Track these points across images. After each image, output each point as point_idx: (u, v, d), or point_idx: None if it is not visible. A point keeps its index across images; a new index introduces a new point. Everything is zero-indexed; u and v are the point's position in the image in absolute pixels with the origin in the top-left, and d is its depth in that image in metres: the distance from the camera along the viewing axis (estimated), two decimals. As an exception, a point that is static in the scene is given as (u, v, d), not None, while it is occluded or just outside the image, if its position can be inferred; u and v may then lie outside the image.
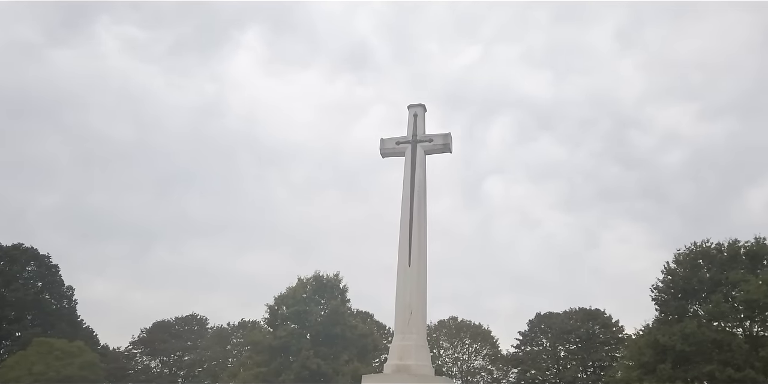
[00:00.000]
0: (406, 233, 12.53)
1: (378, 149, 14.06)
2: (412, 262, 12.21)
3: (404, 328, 11.72)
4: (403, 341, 11.58)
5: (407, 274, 12.18)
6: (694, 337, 33.48)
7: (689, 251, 38.50)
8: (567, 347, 56.47)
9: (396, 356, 11.42)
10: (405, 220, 12.73)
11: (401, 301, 12.04)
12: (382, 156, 14.09)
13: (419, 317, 11.97)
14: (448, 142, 13.61)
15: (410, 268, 12.18)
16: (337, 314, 41.32)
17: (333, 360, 38.51)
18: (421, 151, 13.48)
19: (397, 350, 11.52)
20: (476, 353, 58.40)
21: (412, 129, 13.83)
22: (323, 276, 45.00)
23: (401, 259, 12.41)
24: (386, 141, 13.95)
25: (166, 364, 59.21)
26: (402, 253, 12.44)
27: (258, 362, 38.84)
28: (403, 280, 12.20)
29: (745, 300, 33.05)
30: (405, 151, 13.61)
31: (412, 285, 12.10)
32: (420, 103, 14.16)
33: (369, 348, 42.13)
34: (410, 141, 13.65)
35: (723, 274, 36.21)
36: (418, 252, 12.40)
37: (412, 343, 11.56)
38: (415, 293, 12.05)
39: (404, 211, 12.91)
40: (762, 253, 36.66)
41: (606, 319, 56.06)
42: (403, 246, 12.48)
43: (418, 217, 12.73)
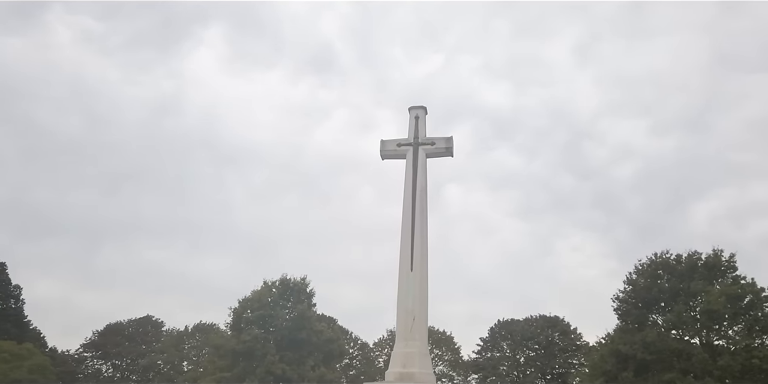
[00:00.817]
0: (407, 237, 12.25)
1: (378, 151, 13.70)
2: (414, 266, 11.93)
3: (407, 335, 11.41)
4: (406, 348, 11.27)
5: (409, 279, 11.88)
6: (655, 346, 34.32)
7: (650, 261, 39.51)
8: (527, 354, 57.16)
9: (399, 364, 11.10)
10: (407, 224, 12.45)
11: (403, 307, 11.74)
12: (381, 158, 13.77)
13: (421, 324, 11.69)
14: (451, 145, 13.42)
15: (412, 273, 11.90)
16: (303, 319, 40.68)
17: (298, 365, 37.83)
18: (423, 154, 13.24)
19: (400, 357, 11.19)
20: (438, 359, 58.45)
21: (413, 131, 13.58)
22: (290, 279, 44.30)
23: (403, 264, 12.11)
24: (387, 143, 13.65)
25: (118, 368, 57.00)
26: (404, 258, 12.14)
27: (221, 367, 37.76)
28: (405, 286, 11.89)
29: (706, 310, 34.05)
30: (406, 154, 13.34)
31: (415, 290, 11.81)
32: (421, 106, 13.95)
33: (335, 353, 41.59)
34: (411, 143, 13.39)
35: (682, 284, 37.30)
36: (420, 257, 12.14)
37: (416, 351, 11.27)
38: (417, 299, 11.76)
39: (405, 215, 12.62)
40: (719, 265, 37.96)
41: (565, 327, 57.04)
42: (404, 250, 12.19)
43: (420, 221, 12.47)
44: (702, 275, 37.44)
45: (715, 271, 37.76)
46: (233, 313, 42.58)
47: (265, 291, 43.07)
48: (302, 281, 44.42)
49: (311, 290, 44.16)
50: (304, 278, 44.69)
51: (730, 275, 37.47)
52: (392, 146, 13.48)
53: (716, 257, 38.16)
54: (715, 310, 33.70)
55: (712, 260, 38.03)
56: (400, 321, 11.70)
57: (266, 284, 44.05)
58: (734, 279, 37.11)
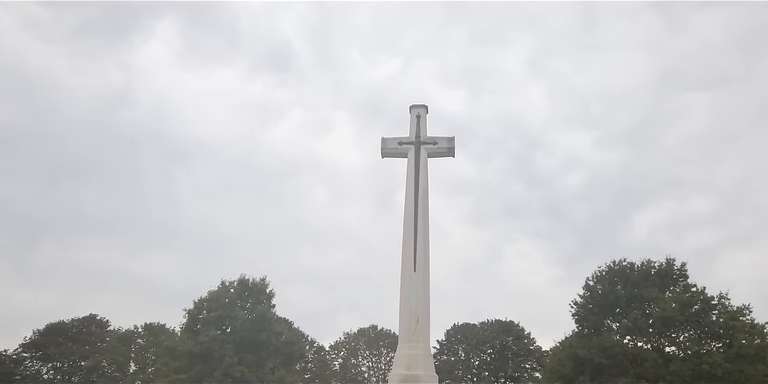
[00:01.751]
0: (410, 237, 12.04)
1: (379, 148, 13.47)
2: (417, 267, 11.73)
3: (411, 337, 11.18)
4: (410, 350, 11.04)
5: (413, 279, 11.67)
6: (612, 351, 35.28)
7: (608, 269, 40.65)
8: (481, 358, 57.81)
9: (403, 366, 10.86)
10: (409, 224, 12.24)
11: (407, 308, 11.51)
12: (382, 156, 13.53)
13: (425, 325, 11.49)
14: (453, 146, 13.32)
15: (416, 273, 11.69)
16: (263, 320, 39.81)
17: (258, 368, 36.93)
18: (425, 153, 13.08)
19: (404, 359, 10.96)
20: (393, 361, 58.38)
21: (414, 130, 13.40)
22: (248, 280, 43.31)
23: (406, 265, 11.88)
24: (388, 140, 13.43)
25: (59, 369, 54.24)
26: (407, 258, 11.92)
27: (176, 369, 36.42)
28: (409, 286, 11.67)
29: (660, 317, 35.23)
30: (408, 153, 13.14)
31: (419, 291, 11.61)
32: (423, 104, 13.79)
33: (295, 356, 40.84)
34: (413, 142, 13.22)
35: (636, 291, 38.53)
36: (423, 257, 11.95)
37: (420, 352, 11.06)
38: (421, 300, 11.57)
39: (408, 215, 12.42)
40: (671, 273, 39.44)
41: (519, 331, 57.97)
42: (407, 251, 11.97)
43: (423, 221, 12.29)
44: (655, 283, 38.79)
45: (668, 279, 39.21)
46: (188, 314, 41.28)
47: (223, 291, 41.92)
48: (262, 282, 43.49)
49: (271, 291, 43.29)
50: (264, 279, 43.78)
51: (682, 283, 38.99)
52: (393, 144, 13.27)
53: (669, 266, 39.65)
54: (669, 317, 34.92)
55: (665, 269, 39.48)
56: (404, 322, 11.46)
57: (224, 284, 42.90)
58: (685, 287, 38.63)
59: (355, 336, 58.90)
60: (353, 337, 58.69)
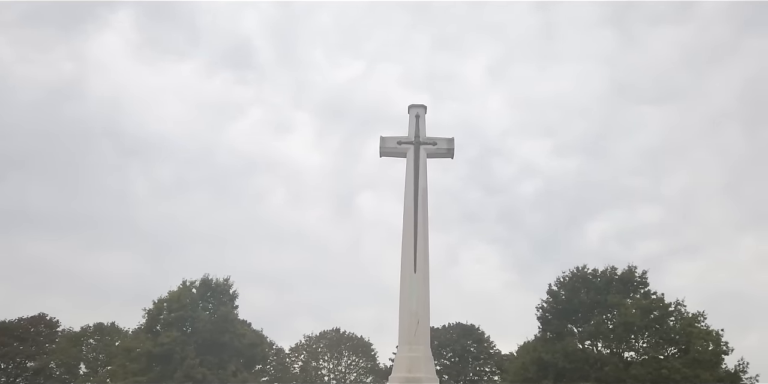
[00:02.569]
0: (410, 238, 11.87)
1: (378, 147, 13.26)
2: (418, 268, 11.57)
3: (411, 339, 10.99)
4: (410, 353, 10.85)
5: (413, 281, 11.49)
6: (575, 356, 35.97)
7: (572, 274, 41.45)
8: (441, 361, 58.02)
9: (404, 368, 10.65)
10: (409, 225, 12.07)
11: (407, 310, 11.31)
12: (380, 155, 13.32)
13: (425, 327, 11.32)
14: (452, 147, 13.23)
15: (416, 274, 11.52)
16: (226, 321, 38.91)
17: (220, 370, 36.02)
18: (424, 154, 12.94)
19: (405, 362, 10.75)
20: (354, 365, 58.02)
21: (413, 130, 13.25)
22: (211, 280, 42.33)
23: (406, 266, 11.70)
24: (387, 140, 13.22)
25: (4, 371, 51.67)
26: (406, 259, 11.74)
27: (133, 371, 35.13)
28: (409, 288, 11.49)
29: (622, 322, 36.11)
30: (407, 152, 12.97)
31: (419, 292, 11.44)
32: (422, 104, 13.67)
33: (258, 358, 40.03)
34: (413, 142, 13.07)
35: (599, 297, 39.41)
36: (423, 258, 11.80)
37: (421, 355, 10.88)
38: (422, 301, 11.40)
39: (407, 215, 12.24)
40: (632, 280, 40.52)
41: (480, 335, 58.50)
42: (407, 251, 11.79)
43: (423, 221, 12.14)
44: (617, 289, 39.77)
45: (629, 286, 40.26)
46: (148, 314, 39.99)
47: (185, 291, 40.82)
48: (225, 282, 42.59)
49: (234, 292, 42.44)
50: (228, 279, 42.88)
51: (642, 290, 40.09)
52: (392, 144, 13.08)
53: (630, 273, 40.73)
54: (631, 323, 35.84)
55: (627, 275, 40.54)
56: (404, 324, 11.26)
57: (185, 284, 41.80)
58: (645, 294, 39.74)
59: (317, 339, 58.27)
60: (315, 339, 58.04)
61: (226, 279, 42.82)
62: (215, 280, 42.35)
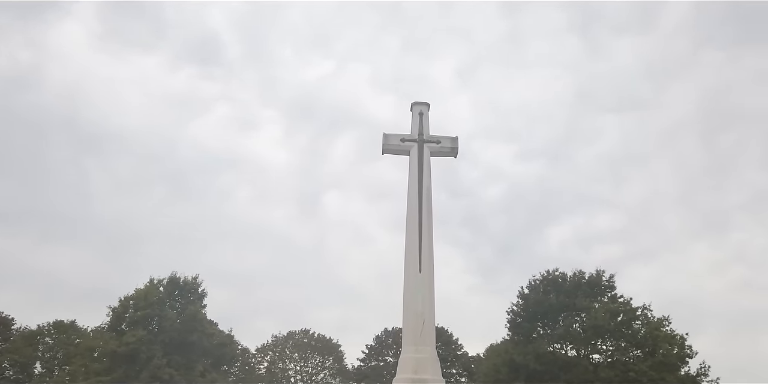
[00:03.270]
0: (414, 237, 11.66)
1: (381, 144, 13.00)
2: (423, 268, 11.36)
3: (417, 340, 10.76)
4: (417, 354, 10.61)
5: (418, 280, 11.28)
6: (545, 358, 36.40)
7: (542, 278, 41.99)
8: (409, 363, 57.95)
9: (410, 370, 10.41)
10: (413, 224, 11.86)
11: (412, 310, 11.08)
12: (383, 152, 13.07)
13: (431, 327, 11.12)
14: (456, 146, 13.10)
15: (421, 274, 11.32)
16: (194, 320, 37.98)
17: (187, 370, 35.09)
18: (428, 152, 12.77)
19: (411, 363, 10.51)
20: (321, 366, 57.47)
21: (417, 128, 13.05)
22: (179, 278, 41.30)
23: (410, 265, 11.48)
24: (390, 136, 12.98)
25: (-47, 370, 49.23)
26: (411, 259, 11.52)
27: (96, 371, 33.89)
28: (414, 288, 11.27)
29: (592, 326, 36.73)
30: (410, 150, 12.77)
31: (424, 292, 11.23)
32: (425, 102, 13.49)
33: (226, 358, 39.17)
34: (416, 140, 12.87)
35: (568, 300, 40.01)
36: (428, 257, 11.60)
37: (428, 356, 10.66)
38: (427, 301, 11.19)
39: (411, 214, 12.03)
40: (600, 284, 41.29)
41: (448, 337, 58.69)
42: (411, 251, 11.58)
43: (427, 221, 11.95)
44: (586, 293, 40.46)
45: (597, 290, 41.01)
46: (113, 312, 38.74)
47: (152, 289, 39.68)
48: (194, 280, 41.60)
49: (203, 290, 41.49)
50: (196, 277, 41.91)
51: (609, 294, 40.90)
52: (396, 141, 12.87)
53: (598, 277, 41.51)
54: (600, 326, 36.48)
55: (595, 279, 41.29)
56: (409, 325, 11.03)
57: (152, 282, 40.66)
58: (612, 297, 40.54)
59: (285, 339, 57.52)
60: (282, 340, 57.27)
61: (194, 277, 41.87)
62: (183, 278, 41.33)
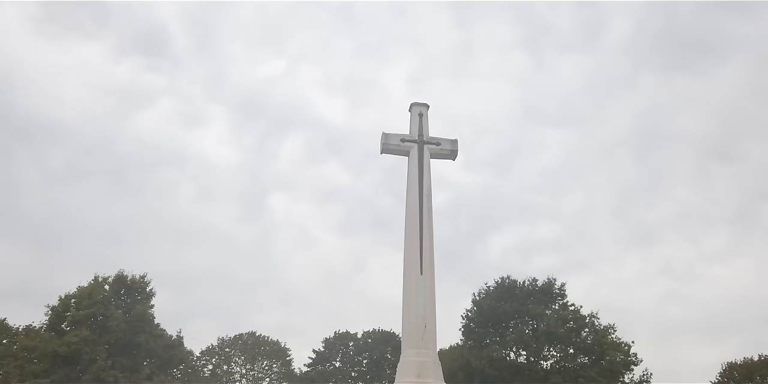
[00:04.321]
0: (415, 239, 11.48)
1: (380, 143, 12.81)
2: (424, 270, 11.19)
3: (419, 343, 10.56)
4: (419, 357, 10.41)
5: (419, 283, 11.10)
6: (500, 363, 36.96)
7: (496, 284, 42.68)
8: (358, 368, 57.68)
9: (413, 373, 10.20)
10: (413, 226, 11.69)
11: (413, 313, 10.88)
12: (381, 151, 12.86)
13: (432, 330, 10.95)
14: (456, 148, 13.04)
15: (422, 276, 11.14)
16: (141, 321, 36.40)
17: (133, 373, 33.55)
18: (428, 153, 12.65)
19: (413, 367, 10.29)
20: (268, 370, 56.29)
21: (417, 128, 12.93)
22: (127, 276, 39.59)
23: (411, 267, 11.28)
24: (390, 136, 12.79)
25: None
26: (412, 261, 11.33)
27: (34, 372, 31.88)
28: (415, 290, 11.08)
29: (545, 332, 37.56)
30: (410, 151, 12.62)
31: (426, 295, 11.06)
32: (424, 103, 13.40)
33: (175, 361, 37.71)
34: (417, 141, 12.74)
35: (521, 307, 40.82)
36: (429, 259, 11.45)
37: (430, 360, 10.48)
38: (428, 304, 11.02)
39: (411, 216, 11.86)
40: (551, 291, 42.35)
41: (398, 343, 58.62)
42: (412, 253, 11.39)
43: (428, 222, 11.82)
44: (538, 300, 41.39)
45: (548, 297, 42.02)
46: (52, 310, 36.67)
47: (96, 287, 37.85)
48: (142, 279, 39.95)
49: (151, 290, 39.88)
50: (144, 276, 40.26)
51: (560, 301, 41.99)
52: (396, 141, 12.69)
53: (549, 284, 42.58)
54: (552, 332, 37.37)
55: (546, 287, 42.33)
56: (410, 328, 10.82)
57: (97, 280, 38.80)
58: (563, 305, 41.64)
59: (231, 342, 56.03)
60: (229, 342, 55.77)
61: (142, 276, 40.22)
62: (131, 276, 39.63)
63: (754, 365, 51.15)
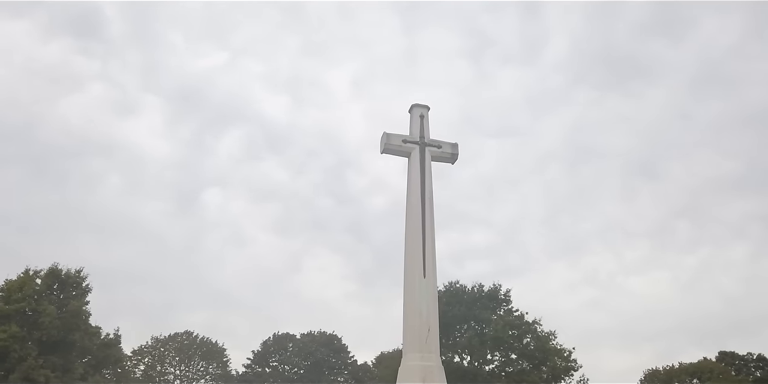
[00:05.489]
0: (418, 242, 11.29)
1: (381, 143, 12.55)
2: (427, 273, 11.02)
3: (422, 347, 10.36)
4: (423, 361, 10.22)
5: (422, 286, 10.92)
6: (449, 367, 37.18)
7: (445, 289, 43.13)
8: (296, 371, 56.86)
9: (418, 378, 9.98)
10: (416, 228, 11.50)
11: (416, 317, 10.68)
12: (382, 151, 12.61)
13: (436, 335, 10.80)
14: (456, 152, 12.98)
15: (425, 279, 10.97)
16: (76, 318, 34.36)
17: (65, 372, 31.58)
18: (429, 155, 12.53)
19: (418, 371, 10.08)
20: (204, 371, 54.52)
21: (418, 130, 12.77)
22: (61, 270, 37.34)
23: (414, 270, 11.08)
24: (392, 136, 12.55)
25: None
26: (415, 264, 11.13)
27: (-45, 371, 29.41)
28: (418, 293, 10.89)
29: (492, 337, 38.25)
30: (411, 152, 12.46)
31: (429, 298, 10.90)
32: (425, 104, 13.27)
33: (111, 360, 35.80)
34: (418, 142, 12.58)
35: (469, 312, 41.45)
36: (432, 262, 11.30)
37: (434, 364, 10.32)
38: (431, 308, 10.87)
39: (413, 218, 11.67)
40: (497, 297, 43.27)
41: (340, 345, 58.32)
42: (415, 256, 11.19)
43: (430, 225, 11.67)
44: (484, 305, 42.15)
45: (494, 303, 42.89)
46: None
47: (27, 281, 35.46)
48: (77, 274, 37.77)
49: (87, 285, 37.77)
50: (80, 270, 38.08)
51: (506, 307, 42.94)
52: (398, 141, 12.49)
53: (495, 290, 43.50)
54: (500, 337, 38.13)
55: (492, 293, 43.21)
56: (413, 332, 10.62)
57: (28, 273, 36.37)
58: (508, 311, 42.60)
59: (165, 341, 53.90)
60: (163, 342, 53.63)
61: (78, 270, 38.02)
62: (66, 270, 37.38)
63: (673, 371, 54.26)
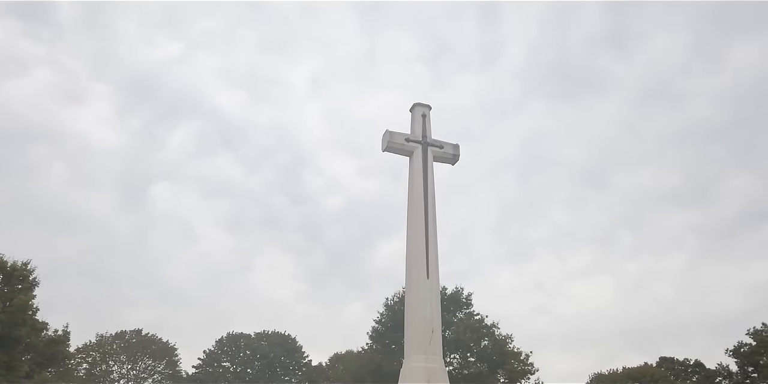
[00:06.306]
0: (421, 242, 11.14)
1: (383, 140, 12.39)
2: (430, 274, 10.88)
3: (426, 349, 10.19)
4: (427, 363, 10.05)
5: (425, 286, 10.77)
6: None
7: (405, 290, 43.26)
8: (249, 371, 55.83)
9: (422, 379, 9.80)
10: (419, 228, 11.35)
11: (420, 318, 10.52)
12: (384, 149, 12.42)
13: (439, 336, 10.67)
14: (458, 153, 12.92)
15: (429, 280, 10.83)
16: (22, 312, 32.57)
17: (10, 371, 29.86)
18: (431, 155, 12.42)
19: (422, 373, 9.90)
20: (152, 370, 52.76)
21: (420, 129, 12.66)
22: (7, 262, 35.39)
23: (416, 271, 10.93)
24: (395, 135, 12.39)
25: None
26: (417, 265, 10.98)
27: None
28: (422, 294, 10.73)
29: (454, 339, 38.50)
30: (413, 152, 12.32)
31: (432, 300, 10.76)
32: (427, 104, 13.20)
33: (59, 358, 34.13)
34: (421, 142, 12.45)
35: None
36: (435, 263, 11.18)
37: (438, 365, 10.18)
38: (435, 309, 10.73)
39: (416, 218, 11.52)
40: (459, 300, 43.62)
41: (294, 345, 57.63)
42: (418, 256, 11.03)
43: (433, 225, 11.55)
44: (445, 308, 42.40)
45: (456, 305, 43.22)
46: None
47: (-31, 272, 33.46)
48: (25, 266, 35.87)
49: (36, 279, 35.89)
50: (28, 263, 36.18)
51: (466, 310, 43.33)
52: (401, 140, 12.34)
53: (457, 293, 43.86)
54: (460, 340, 38.42)
55: (455, 295, 43.55)
56: (417, 332, 10.46)
57: (-31, 264, 34.33)
58: (468, 314, 43.00)
59: (112, 339, 51.92)
60: (110, 340, 51.64)
61: (25, 263, 36.09)
62: (12, 262, 35.44)
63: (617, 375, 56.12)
